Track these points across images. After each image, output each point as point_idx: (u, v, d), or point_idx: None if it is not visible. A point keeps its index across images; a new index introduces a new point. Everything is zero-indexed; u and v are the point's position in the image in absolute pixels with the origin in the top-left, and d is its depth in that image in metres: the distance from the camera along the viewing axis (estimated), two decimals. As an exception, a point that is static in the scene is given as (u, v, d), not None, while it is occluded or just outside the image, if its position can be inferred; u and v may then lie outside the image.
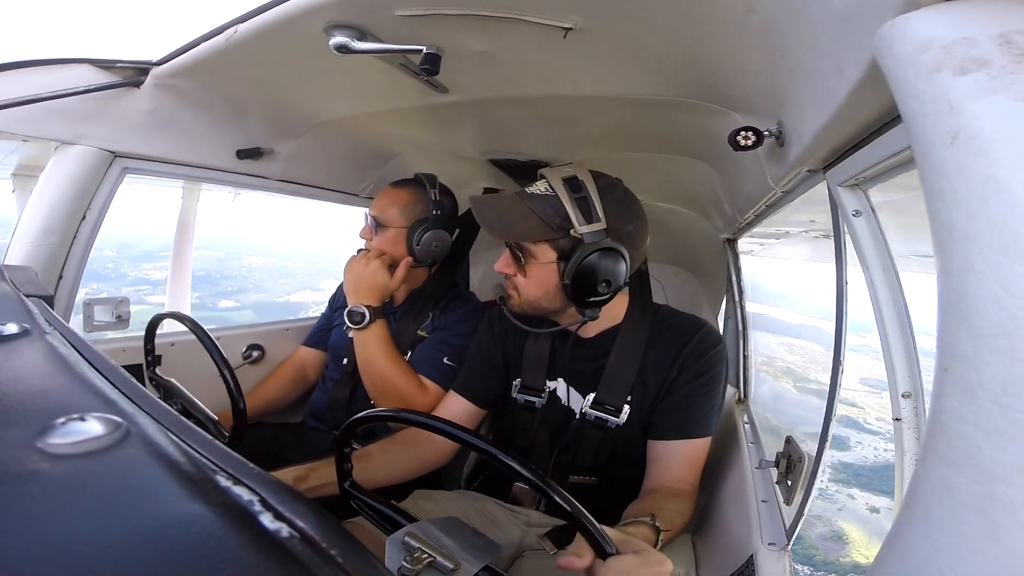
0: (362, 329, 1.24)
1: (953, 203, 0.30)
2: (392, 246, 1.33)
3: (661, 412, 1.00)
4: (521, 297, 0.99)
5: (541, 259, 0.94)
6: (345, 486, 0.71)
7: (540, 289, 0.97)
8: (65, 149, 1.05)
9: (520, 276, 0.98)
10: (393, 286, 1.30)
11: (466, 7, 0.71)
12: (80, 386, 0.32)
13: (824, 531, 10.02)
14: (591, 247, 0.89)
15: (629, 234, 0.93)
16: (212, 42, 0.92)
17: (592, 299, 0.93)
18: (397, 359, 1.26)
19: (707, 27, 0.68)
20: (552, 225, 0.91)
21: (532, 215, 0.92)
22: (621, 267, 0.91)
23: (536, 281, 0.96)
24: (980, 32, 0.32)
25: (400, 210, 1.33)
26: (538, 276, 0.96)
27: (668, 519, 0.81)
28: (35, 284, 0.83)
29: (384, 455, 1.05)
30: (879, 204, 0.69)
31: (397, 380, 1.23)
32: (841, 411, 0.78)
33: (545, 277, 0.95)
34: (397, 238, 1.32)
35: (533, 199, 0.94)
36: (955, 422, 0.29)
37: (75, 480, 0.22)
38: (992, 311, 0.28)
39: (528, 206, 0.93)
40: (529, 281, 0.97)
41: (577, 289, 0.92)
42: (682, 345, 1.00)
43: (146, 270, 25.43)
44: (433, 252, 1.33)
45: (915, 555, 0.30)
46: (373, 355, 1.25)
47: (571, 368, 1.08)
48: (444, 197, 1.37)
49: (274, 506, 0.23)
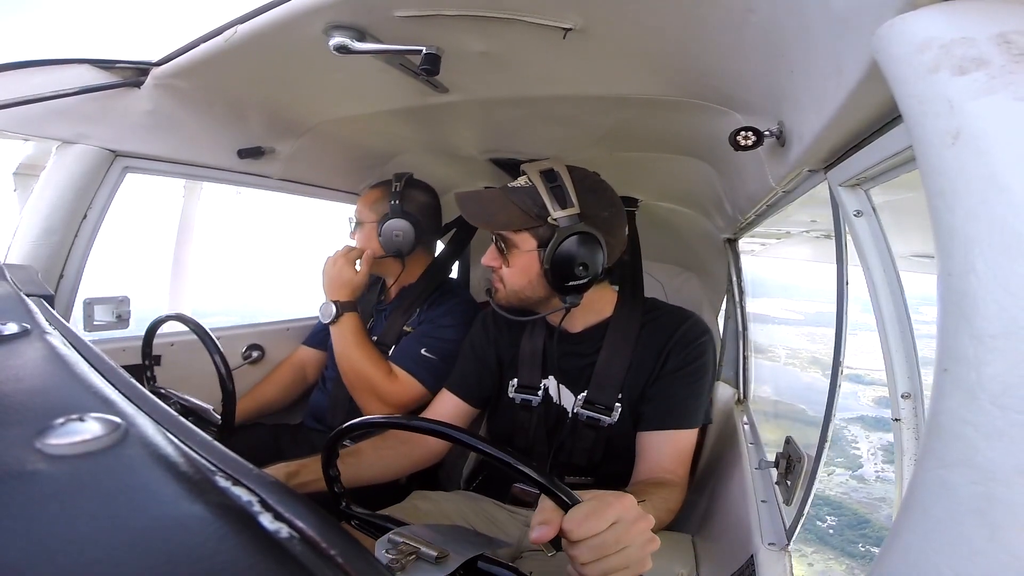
0: (333, 323, 1.30)
1: (954, 203, 0.30)
2: (366, 241, 1.41)
3: (648, 401, 1.00)
4: (507, 288, 1.02)
5: (523, 248, 0.98)
6: (340, 507, 0.71)
7: (524, 278, 0.99)
8: (66, 148, 1.05)
9: (505, 267, 1.01)
10: (359, 279, 1.35)
11: (466, 7, 0.71)
12: (79, 386, 0.32)
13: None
14: (566, 231, 0.92)
15: (605, 220, 0.97)
16: (212, 42, 0.92)
17: (571, 283, 0.95)
18: (367, 349, 1.30)
19: (707, 27, 0.68)
20: (531, 214, 0.95)
21: (512, 205, 0.97)
22: (597, 252, 0.94)
23: (519, 270, 0.99)
24: (979, 32, 0.32)
25: (370, 207, 1.42)
26: (520, 265, 0.99)
27: (647, 496, 0.80)
28: (36, 283, 0.83)
29: (375, 452, 1.05)
30: (880, 204, 0.69)
31: (366, 370, 1.27)
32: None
33: (527, 265, 0.98)
34: (370, 233, 1.41)
35: (514, 191, 0.98)
36: (954, 423, 0.29)
37: (74, 481, 0.22)
38: (993, 312, 0.27)
39: (509, 198, 0.98)
40: (513, 271, 1.00)
41: (556, 274, 0.94)
42: (668, 336, 1.02)
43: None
44: (396, 241, 1.37)
45: (914, 556, 0.29)
46: (344, 348, 1.30)
47: (561, 366, 1.08)
48: (410, 190, 1.42)
49: (273, 506, 0.23)
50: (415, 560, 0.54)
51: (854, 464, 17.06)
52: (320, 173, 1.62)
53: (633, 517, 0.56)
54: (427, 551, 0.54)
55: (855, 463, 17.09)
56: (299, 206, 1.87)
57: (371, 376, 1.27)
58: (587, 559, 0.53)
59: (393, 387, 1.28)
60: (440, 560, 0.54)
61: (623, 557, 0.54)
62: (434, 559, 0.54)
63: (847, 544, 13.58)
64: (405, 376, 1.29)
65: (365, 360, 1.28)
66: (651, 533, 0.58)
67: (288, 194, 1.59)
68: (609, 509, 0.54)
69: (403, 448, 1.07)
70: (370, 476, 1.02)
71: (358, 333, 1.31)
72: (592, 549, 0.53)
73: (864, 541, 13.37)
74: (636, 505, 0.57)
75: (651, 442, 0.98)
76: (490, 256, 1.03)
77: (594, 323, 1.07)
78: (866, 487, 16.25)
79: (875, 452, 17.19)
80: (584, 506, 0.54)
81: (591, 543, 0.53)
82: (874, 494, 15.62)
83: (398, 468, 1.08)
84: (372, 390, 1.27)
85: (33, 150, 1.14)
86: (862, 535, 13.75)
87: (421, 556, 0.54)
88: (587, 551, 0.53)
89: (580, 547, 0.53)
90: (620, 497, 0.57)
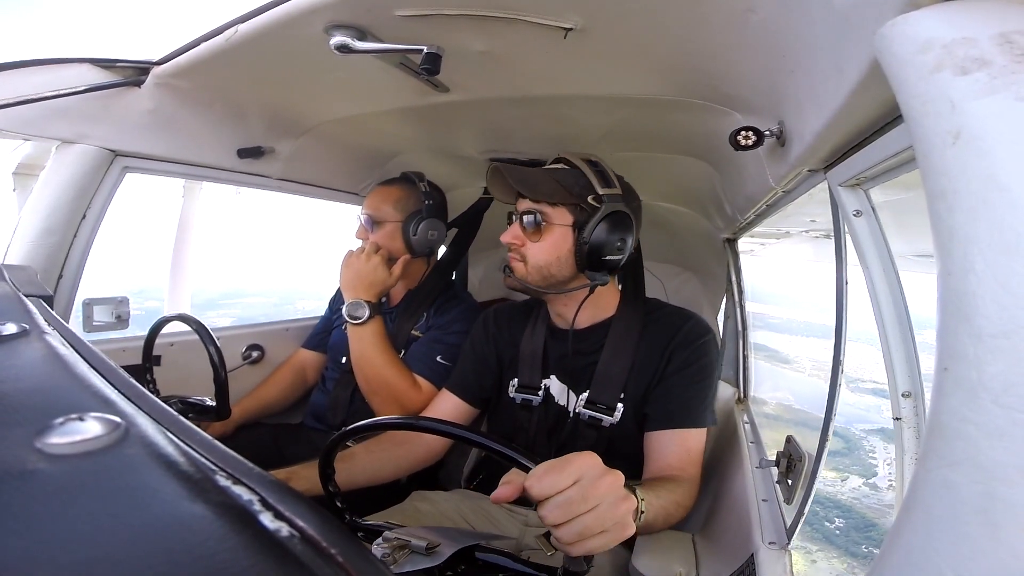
0: (360, 325, 1.25)
1: (954, 203, 0.30)
2: (390, 241, 1.35)
3: (653, 402, 1.00)
4: (529, 266, 1.01)
5: (557, 222, 0.98)
6: (345, 521, 0.71)
7: (552, 253, 0.99)
8: (65, 148, 1.05)
9: (529, 244, 1.00)
10: (391, 282, 1.31)
11: (466, 7, 0.71)
12: (79, 386, 0.32)
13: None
14: (612, 207, 0.96)
15: (635, 210, 1.01)
16: (212, 42, 0.92)
17: (607, 258, 0.97)
18: (392, 356, 1.27)
19: (707, 27, 0.68)
20: (572, 191, 0.97)
21: (553, 181, 0.98)
22: (630, 236, 0.99)
23: (550, 244, 0.99)
24: (980, 32, 0.32)
25: (393, 205, 1.36)
26: (552, 239, 0.99)
27: (649, 487, 0.80)
28: (35, 284, 0.83)
29: (368, 455, 1.04)
30: (880, 204, 0.69)
31: (391, 377, 1.24)
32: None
33: (559, 241, 0.99)
34: (394, 232, 1.35)
35: (554, 171, 1.01)
36: (955, 422, 0.29)
37: (74, 480, 0.22)
38: (993, 311, 0.27)
39: (550, 175, 0.99)
40: (542, 246, 0.99)
41: (595, 249, 0.96)
42: (671, 336, 1.02)
43: (211, 317, 25.54)
44: (430, 241, 1.36)
45: (915, 555, 0.29)
46: (369, 351, 1.25)
47: (563, 365, 1.08)
48: (434, 190, 1.41)
49: (274, 506, 0.23)
50: (407, 553, 0.54)
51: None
52: (320, 173, 1.61)
53: (598, 473, 0.55)
54: (417, 543, 0.55)
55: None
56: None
57: (394, 382, 1.23)
58: (558, 519, 0.53)
59: (419, 396, 1.24)
60: (431, 550, 0.54)
61: (596, 517, 0.54)
62: (424, 549, 0.54)
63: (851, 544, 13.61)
64: (427, 385, 1.27)
65: (390, 366, 1.24)
66: (624, 491, 0.57)
67: (288, 194, 1.59)
68: (569, 465, 0.54)
69: (398, 450, 1.07)
70: (363, 480, 1.02)
71: (384, 338, 1.27)
72: (559, 507, 0.53)
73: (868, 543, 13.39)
74: (600, 462, 0.57)
75: (658, 441, 0.98)
76: (511, 234, 1.02)
77: (598, 320, 1.07)
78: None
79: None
80: (544, 464, 0.54)
81: (556, 500, 0.53)
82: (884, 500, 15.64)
83: (393, 470, 1.08)
84: (394, 397, 1.23)
85: (32, 150, 1.14)
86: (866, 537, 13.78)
87: (412, 548, 0.55)
88: (555, 510, 0.53)
89: (547, 506, 0.53)
90: (582, 455, 0.56)
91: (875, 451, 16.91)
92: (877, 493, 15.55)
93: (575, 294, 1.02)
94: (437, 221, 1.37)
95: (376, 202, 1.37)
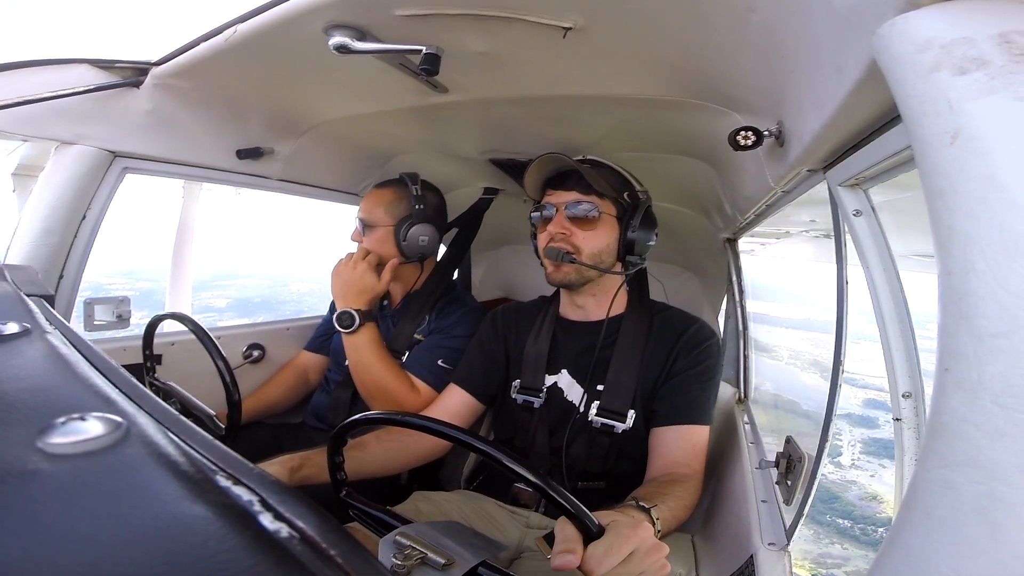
0: (352, 333, 1.25)
1: (953, 203, 0.30)
2: (380, 245, 1.34)
3: (659, 399, 1.03)
4: (584, 254, 1.06)
5: (608, 213, 1.07)
6: (340, 495, 0.71)
7: (603, 242, 1.07)
8: (65, 149, 1.05)
9: (580, 233, 1.06)
10: (381, 288, 1.31)
11: (466, 7, 0.71)
12: (80, 386, 0.32)
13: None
14: (648, 202, 1.09)
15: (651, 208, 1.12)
16: (212, 42, 0.92)
17: (649, 244, 1.08)
18: (388, 361, 1.26)
19: (707, 27, 0.68)
20: (614, 186, 1.07)
21: (601, 176, 1.06)
22: (656, 231, 1.09)
23: (604, 233, 1.07)
24: (979, 32, 0.32)
25: (385, 209, 1.35)
26: (605, 230, 1.07)
27: (660, 499, 0.82)
28: (36, 283, 0.83)
29: (379, 444, 1.05)
30: (879, 204, 0.69)
31: (388, 382, 1.23)
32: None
33: (609, 231, 1.08)
34: (385, 237, 1.34)
35: (593, 166, 1.08)
36: (956, 422, 0.29)
37: (75, 480, 0.22)
38: (993, 311, 0.27)
39: (597, 170, 1.07)
40: (597, 234, 1.06)
41: (635, 240, 1.06)
42: (677, 337, 1.06)
43: (205, 298, 25.18)
44: (420, 247, 1.34)
45: (915, 555, 0.29)
46: (364, 358, 1.25)
47: (575, 359, 1.11)
48: (427, 192, 1.39)
49: (274, 506, 0.23)
50: (421, 565, 0.53)
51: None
52: (319, 173, 1.61)
53: (648, 547, 0.60)
54: (434, 557, 0.54)
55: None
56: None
57: (392, 388, 1.23)
58: None
59: (418, 400, 1.24)
60: (447, 567, 0.53)
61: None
62: (441, 566, 0.53)
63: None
64: (425, 388, 1.26)
65: (387, 372, 1.24)
66: (664, 560, 0.62)
67: (288, 194, 1.59)
68: (626, 544, 0.58)
69: (408, 440, 1.07)
70: (373, 469, 1.03)
71: (379, 344, 1.26)
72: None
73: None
74: (652, 535, 0.61)
75: (664, 437, 1.00)
76: (559, 224, 1.08)
77: (613, 315, 1.11)
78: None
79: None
80: (604, 543, 0.57)
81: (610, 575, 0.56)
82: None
83: (403, 461, 1.09)
84: (393, 401, 1.23)
85: (32, 150, 1.14)
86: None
87: (428, 562, 0.54)
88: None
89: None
90: (636, 529, 0.60)
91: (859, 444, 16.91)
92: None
93: (606, 287, 1.11)
94: (428, 226, 1.35)
95: (369, 205, 1.37)
